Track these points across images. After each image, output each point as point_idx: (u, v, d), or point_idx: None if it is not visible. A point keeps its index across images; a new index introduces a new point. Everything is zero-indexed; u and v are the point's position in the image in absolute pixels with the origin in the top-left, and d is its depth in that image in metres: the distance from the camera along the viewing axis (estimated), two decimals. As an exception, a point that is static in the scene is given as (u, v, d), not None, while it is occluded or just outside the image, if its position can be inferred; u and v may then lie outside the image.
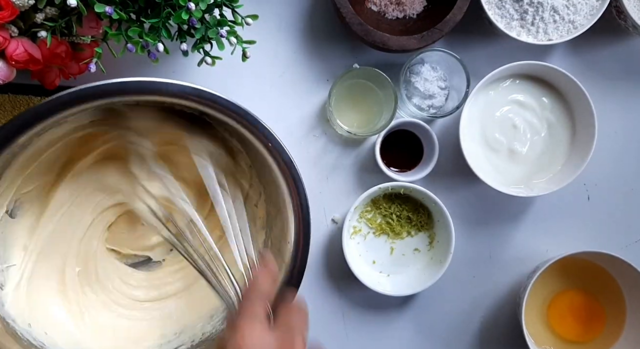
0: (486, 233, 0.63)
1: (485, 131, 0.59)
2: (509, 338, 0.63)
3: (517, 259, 0.63)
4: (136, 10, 0.47)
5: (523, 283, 0.60)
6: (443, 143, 0.60)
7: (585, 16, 0.58)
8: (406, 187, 0.59)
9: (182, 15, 0.45)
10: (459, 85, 0.59)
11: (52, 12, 0.47)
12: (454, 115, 0.58)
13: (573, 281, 0.62)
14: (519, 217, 0.63)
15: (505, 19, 0.58)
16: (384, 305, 0.62)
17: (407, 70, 0.58)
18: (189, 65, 0.59)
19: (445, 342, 0.63)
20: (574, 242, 0.63)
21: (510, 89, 0.60)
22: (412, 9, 0.60)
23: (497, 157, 0.60)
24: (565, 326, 0.62)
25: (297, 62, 0.60)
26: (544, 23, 0.58)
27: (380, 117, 0.59)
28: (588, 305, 0.62)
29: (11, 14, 0.46)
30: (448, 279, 0.60)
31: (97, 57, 0.47)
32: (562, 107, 0.60)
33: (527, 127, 0.60)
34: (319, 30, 0.61)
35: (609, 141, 0.63)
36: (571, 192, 0.62)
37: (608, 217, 0.64)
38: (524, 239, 0.63)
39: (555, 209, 0.63)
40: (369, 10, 0.60)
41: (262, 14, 0.52)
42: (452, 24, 0.55)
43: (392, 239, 0.62)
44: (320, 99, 0.61)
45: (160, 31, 0.46)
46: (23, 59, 0.48)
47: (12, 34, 0.48)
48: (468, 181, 0.62)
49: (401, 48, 0.56)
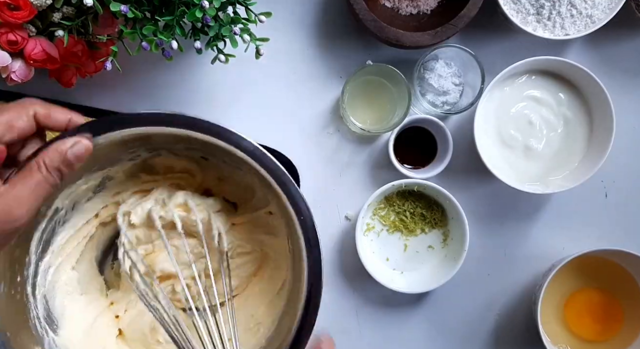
0: (501, 231, 0.62)
1: (501, 127, 0.59)
2: (524, 337, 0.62)
3: (532, 257, 0.62)
4: (151, 9, 0.47)
5: (539, 281, 0.59)
6: (457, 140, 0.59)
7: (603, 10, 0.57)
8: (420, 184, 0.58)
9: (196, 13, 0.46)
10: (473, 82, 0.58)
11: (69, 12, 0.48)
12: (469, 111, 0.58)
13: (590, 279, 0.61)
14: (534, 215, 0.62)
15: (521, 14, 0.57)
16: (398, 303, 0.62)
17: (420, 67, 0.58)
18: (203, 63, 0.59)
19: (459, 340, 0.62)
20: (591, 240, 0.62)
21: (526, 85, 0.59)
22: (426, 5, 0.60)
23: (513, 154, 0.59)
24: (582, 325, 0.61)
25: (311, 59, 0.61)
26: (561, 18, 0.57)
27: (394, 114, 0.59)
28: (605, 304, 0.61)
29: (29, 14, 0.46)
30: (462, 277, 0.59)
31: (113, 55, 0.47)
32: (579, 103, 0.59)
33: (543, 123, 0.59)
34: (332, 27, 0.60)
35: (627, 138, 0.62)
36: (588, 190, 0.62)
37: (626, 214, 0.63)
38: (540, 236, 0.62)
39: (572, 206, 0.62)
40: (382, 6, 0.60)
41: (275, 11, 0.52)
42: (466, 20, 0.55)
43: (405, 237, 0.61)
44: (334, 96, 0.61)
45: (174, 29, 0.47)
46: (41, 58, 0.49)
47: (30, 33, 0.49)
48: (482, 178, 0.61)
49: (415, 44, 0.55)
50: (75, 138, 0.40)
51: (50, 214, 0.48)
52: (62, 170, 0.40)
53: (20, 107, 0.39)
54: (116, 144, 0.45)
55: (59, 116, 0.41)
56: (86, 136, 0.41)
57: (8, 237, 0.39)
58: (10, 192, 0.38)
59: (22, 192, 0.38)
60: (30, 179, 0.39)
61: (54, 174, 0.39)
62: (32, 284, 0.48)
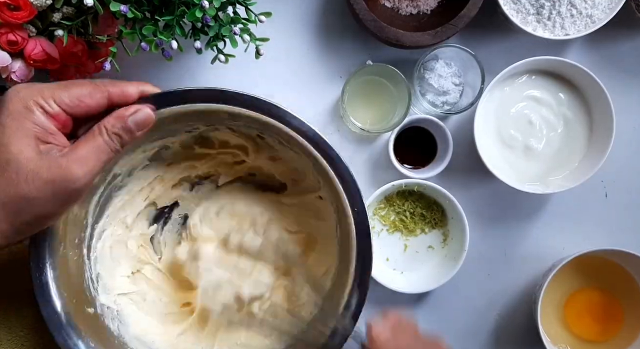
0: (501, 231, 0.62)
1: (501, 127, 0.59)
2: (524, 337, 0.62)
3: (532, 257, 0.62)
4: (150, 9, 0.47)
5: (539, 281, 0.59)
6: (457, 140, 0.59)
7: (603, 10, 0.57)
8: (420, 184, 0.58)
9: (196, 13, 0.46)
10: (473, 82, 0.58)
11: (69, 12, 0.48)
12: (469, 111, 0.58)
13: (590, 279, 0.61)
14: (534, 215, 0.62)
15: (521, 14, 0.57)
16: (398, 302, 0.62)
17: (420, 67, 0.58)
18: (203, 63, 0.59)
19: (459, 340, 0.62)
20: (591, 240, 0.62)
21: (526, 85, 0.59)
22: (426, 5, 0.60)
23: (513, 154, 0.59)
24: (582, 325, 0.61)
25: (311, 59, 0.60)
26: (561, 17, 0.57)
27: (394, 114, 0.59)
28: (605, 304, 0.61)
29: (29, 14, 0.46)
30: (462, 277, 0.59)
31: (112, 56, 0.47)
32: (579, 103, 0.59)
33: (543, 123, 0.59)
34: (332, 27, 0.60)
35: (627, 138, 0.62)
36: (588, 190, 0.61)
37: (626, 214, 0.63)
38: (540, 236, 0.62)
39: (572, 206, 0.62)
40: (382, 6, 0.60)
41: (275, 11, 0.52)
42: (466, 20, 0.55)
43: (405, 237, 0.61)
44: (334, 96, 0.61)
45: (174, 29, 0.47)
46: (41, 59, 0.49)
47: (30, 33, 0.49)
48: (482, 178, 0.61)
49: (415, 44, 0.55)
50: (137, 106, 0.43)
51: (109, 179, 0.50)
52: (122, 136, 0.42)
53: (94, 87, 0.41)
54: (178, 117, 0.46)
55: (130, 89, 0.43)
56: (149, 106, 0.43)
57: (70, 198, 0.40)
58: (72, 154, 0.40)
59: (83, 154, 0.40)
60: (92, 142, 0.41)
61: (114, 139, 0.41)
62: (88, 247, 0.50)
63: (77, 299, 0.47)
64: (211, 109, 0.46)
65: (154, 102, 0.44)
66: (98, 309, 0.49)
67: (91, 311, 0.48)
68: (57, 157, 0.39)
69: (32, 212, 0.39)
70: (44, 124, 0.39)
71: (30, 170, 0.38)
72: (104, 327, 0.49)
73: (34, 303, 0.46)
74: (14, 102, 0.39)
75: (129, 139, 0.42)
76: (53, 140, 0.40)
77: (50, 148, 0.39)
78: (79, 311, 0.47)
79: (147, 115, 0.43)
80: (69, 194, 0.40)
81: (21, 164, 0.38)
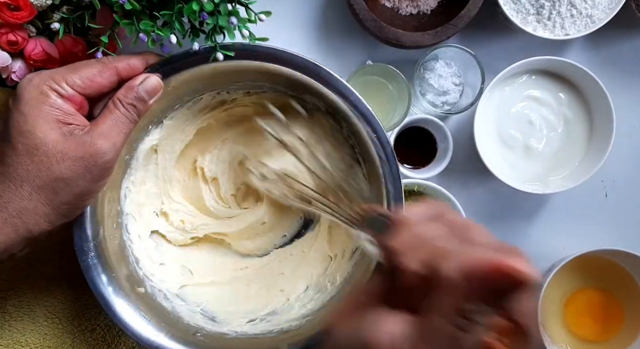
0: (501, 230, 0.62)
1: (501, 127, 0.59)
2: (524, 337, 0.62)
3: (532, 257, 0.61)
4: (148, 4, 0.47)
5: (539, 281, 0.59)
6: (457, 140, 0.59)
7: (603, 10, 0.57)
8: (420, 185, 0.58)
9: (193, 6, 0.45)
10: (473, 82, 0.58)
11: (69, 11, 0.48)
12: (469, 111, 0.58)
13: (590, 279, 0.61)
14: (534, 215, 0.62)
15: (521, 14, 0.57)
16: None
17: (420, 67, 0.58)
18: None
19: (459, 340, 0.62)
20: (591, 240, 0.62)
21: (526, 85, 0.59)
22: (426, 5, 0.60)
23: (513, 154, 0.59)
24: (582, 325, 0.61)
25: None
26: (561, 17, 0.57)
27: (394, 114, 0.58)
28: (606, 304, 0.61)
29: (29, 14, 0.46)
30: (462, 277, 0.59)
31: (103, 46, 0.47)
32: (580, 103, 0.59)
33: (543, 123, 0.59)
34: (332, 27, 0.60)
35: (627, 138, 0.62)
36: (588, 189, 0.61)
37: (626, 214, 0.62)
38: (540, 236, 0.62)
39: (572, 206, 0.62)
40: (382, 6, 0.60)
41: (275, 11, 0.52)
42: (466, 20, 0.55)
43: (405, 237, 0.61)
44: (334, 96, 0.61)
45: (173, 24, 0.47)
46: (41, 59, 0.49)
47: (30, 33, 0.49)
48: (483, 178, 0.61)
49: (415, 44, 0.55)
50: (144, 75, 0.45)
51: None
52: (137, 105, 0.44)
53: (102, 65, 0.43)
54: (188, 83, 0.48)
55: (135, 62, 0.45)
56: (156, 74, 0.46)
57: (102, 172, 0.43)
58: (94, 130, 0.42)
59: (105, 129, 0.42)
60: (110, 115, 0.43)
61: (130, 109, 0.44)
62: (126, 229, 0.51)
63: (126, 280, 0.48)
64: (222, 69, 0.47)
65: (159, 70, 0.46)
66: (148, 289, 0.50)
67: (142, 291, 0.49)
68: (81, 135, 0.41)
69: (70, 191, 0.41)
70: (62, 107, 0.41)
71: (59, 151, 0.40)
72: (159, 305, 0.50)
73: (57, 292, 0.47)
74: (29, 90, 0.41)
75: (143, 108, 0.44)
76: (73, 121, 0.42)
77: (73, 129, 0.41)
78: (132, 290, 0.48)
79: (155, 82, 0.45)
80: (100, 168, 0.42)
81: (49, 146, 0.40)
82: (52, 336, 0.55)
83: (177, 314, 0.50)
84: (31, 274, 0.55)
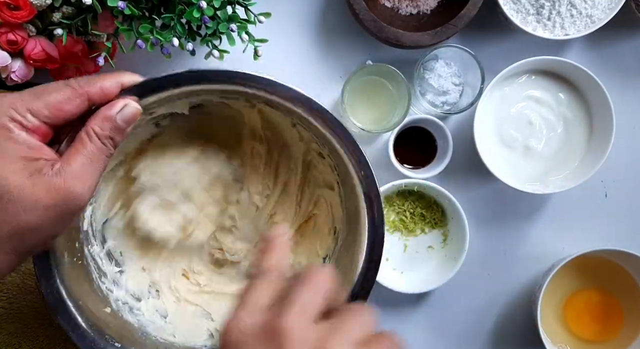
0: (501, 230, 0.62)
1: (500, 127, 0.59)
2: (524, 336, 0.62)
3: (532, 257, 0.62)
4: (149, 7, 0.47)
5: (539, 281, 0.59)
6: (457, 140, 0.59)
7: (603, 10, 0.57)
8: (420, 185, 0.58)
9: (193, 13, 0.45)
10: (473, 82, 0.58)
11: (68, 11, 0.48)
12: (468, 111, 0.58)
13: (590, 279, 0.61)
14: (534, 215, 0.62)
15: (520, 14, 0.57)
16: (398, 302, 0.62)
17: (420, 67, 0.58)
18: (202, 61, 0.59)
19: (459, 340, 0.62)
20: (591, 240, 0.62)
21: (526, 85, 0.59)
22: (425, 5, 0.60)
23: (512, 154, 0.59)
24: (582, 325, 0.61)
25: (310, 59, 0.60)
26: (561, 17, 0.57)
27: (394, 114, 0.58)
28: (605, 304, 0.61)
29: (29, 14, 0.46)
30: (462, 277, 0.59)
31: (106, 51, 0.47)
32: (579, 103, 0.59)
33: (543, 123, 0.59)
34: (332, 27, 0.60)
35: (627, 137, 0.62)
36: (588, 189, 0.61)
37: (626, 214, 0.63)
38: (540, 236, 0.62)
39: (571, 206, 0.62)
40: (382, 6, 0.60)
41: (275, 11, 0.52)
42: (466, 20, 0.55)
43: (405, 237, 0.61)
44: (333, 96, 0.61)
45: (175, 27, 0.47)
46: (41, 58, 0.49)
47: (30, 33, 0.49)
48: (482, 178, 0.61)
49: (415, 44, 0.55)
50: (123, 101, 0.39)
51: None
52: (114, 138, 0.38)
53: (71, 91, 0.37)
54: (164, 99, 0.44)
55: (109, 85, 0.39)
56: (133, 97, 0.40)
57: (74, 215, 0.37)
58: (67, 170, 0.36)
59: (79, 168, 0.36)
60: (84, 150, 0.37)
61: (107, 143, 0.38)
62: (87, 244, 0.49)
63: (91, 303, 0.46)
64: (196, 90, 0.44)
65: (137, 93, 0.41)
66: (114, 306, 0.49)
67: (108, 310, 0.48)
68: (52, 177, 0.36)
69: (38, 237, 0.36)
70: (26, 142, 0.35)
71: (27, 198, 0.35)
72: (125, 322, 0.49)
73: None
74: None
75: (120, 139, 0.39)
76: (41, 155, 0.36)
77: (41, 166, 0.36)
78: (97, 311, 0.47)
79: (134, 109, 0.39)
80: (72, 213, 0.37)
81: (14, 194, 0.34)
82: (45, 337, 0.54)
83: (144, 328, 0.49)
84: (19, 273, 0.55)
